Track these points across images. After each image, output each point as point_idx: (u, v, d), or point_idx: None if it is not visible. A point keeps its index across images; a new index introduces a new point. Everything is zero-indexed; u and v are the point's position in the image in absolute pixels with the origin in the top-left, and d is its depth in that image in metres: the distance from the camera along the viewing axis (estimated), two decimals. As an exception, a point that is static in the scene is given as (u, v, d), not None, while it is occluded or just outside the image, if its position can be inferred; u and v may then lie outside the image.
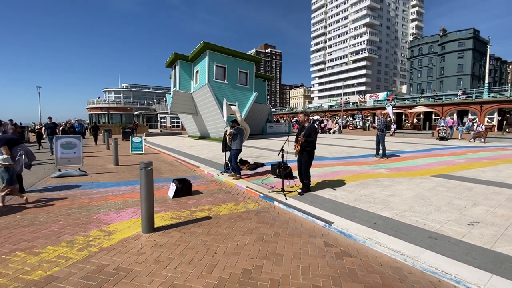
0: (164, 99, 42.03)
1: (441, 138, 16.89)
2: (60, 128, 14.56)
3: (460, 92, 33.48)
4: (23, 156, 5.37)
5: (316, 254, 3.00)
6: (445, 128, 17.35)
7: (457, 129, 19.72)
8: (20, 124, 23.74)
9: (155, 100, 53.08)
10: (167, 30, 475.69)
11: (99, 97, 50.54)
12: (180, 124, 36.79)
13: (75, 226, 3.79)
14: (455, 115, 28.11)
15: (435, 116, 32.10)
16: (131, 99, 52.03)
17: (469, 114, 27.99)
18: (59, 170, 7.43)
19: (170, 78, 24.62)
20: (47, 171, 8.05)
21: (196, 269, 2.67)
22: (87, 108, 49.43)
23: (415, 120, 33.32)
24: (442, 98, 32.40)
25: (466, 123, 22.56)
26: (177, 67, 21.24)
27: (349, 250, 3.09)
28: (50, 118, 12.86)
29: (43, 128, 13.99)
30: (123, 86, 57.67)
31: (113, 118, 47.63)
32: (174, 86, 21.89)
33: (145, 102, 52.08)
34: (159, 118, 46.14)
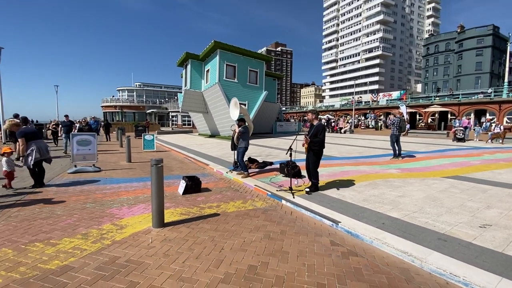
0: (176, 97, 42.67)
1: (459, 139, 15.97)
2: (77, 126, 14.74)
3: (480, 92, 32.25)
4: (34, 151, 5.64)
5: (322, 252, 3.02)
6: (462, 128, 16.50)
7: (473, 130, 19.04)
8: (37, 121, 24.76)
9: (166, 99, 53.96)
10: (179, 29, 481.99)
11: (113, 96, 51.91)
12: (191, 123, 37.26)
13: (90, 220, 3.95)
14: (472, 115, 27.15)
15: (451, 116, 31.13)
16: (144, 97, 53.13)
17: (487, 114, 26.96)
18: (75, 166, 7.72)
19: (182, 77, 24.99)
20: (64, 167, 8.38)
21: (203, 264, 2.75)
22: (102, 106, 50.86)
23: (429, 120, 32.43)
24: (458, 97, 31.34)
25: (484, 123, 21.75)
26: (189, 66, 21.53)
27: (355, 250, 3.08)
28: (66, 116, 12.62)
29: (60, 126, 14.01)
30: (136, 85, 58.97)
31: (126, 116, 48.82)
32: (186, 85, 22.21)
33: (157, 100, 53.08)
34: (170, 117, 46.89)
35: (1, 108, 15.11)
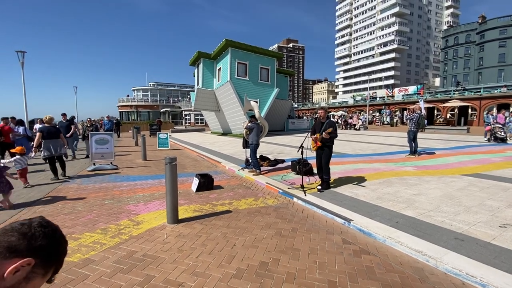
0: (189, 96, 43.33)
1: (501, 139, 12.52)
2: (78, 126, 13.74)
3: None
4: (44, 150, 6.56)
5: (333, 250, 3.02)
6: (500, 125, 12.92)
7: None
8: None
9: (180, 98, 54.85)
10: (192, 28, 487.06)
11: (128, 95, 53.35)
12: (204, 121, 37.72)
13: (108, 216, 4.13)
14: (494, 109, 25.85)
15: (471, 110, 29.80)
16: (158, 97, 54.24)
17: (511, 108, 25.60)
18: (94, 164, 8.05)
19: (194, 76, 25.31)
20: (83, 165, 8.75)
21: (216, 259, 2.82)
22: (118, 106, 52.38)
23: (448, 115, 31.18)
24: (480, 91, 29.91)
25: (508, 118, 20.67)
26: (201, 65, 21.77)
27: (367, 248, 3.06)
28: (64, 115, 10.76)
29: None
30: (150, 84, 60.23)
31: (141, 115, 50.07)
32: (198, 84, 22.50)
33: (171, 99, 54.03)
34: (183, 115, 47.66)
35: (25, 108, 15.90)
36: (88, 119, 12.65)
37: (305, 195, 4.81)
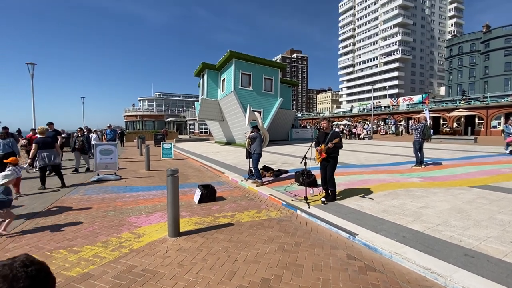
0: (193, 106, 43.81)
1: None
2: (64, 138, 12.08)
3: None
4: (38, 161, 6.83)
5: (338, 267, 2.92)
6: None
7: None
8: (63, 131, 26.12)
9: (184, 108, 55.51)
10: (198, 40, 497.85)
11: (133, 104, 54.23)
12: (208, 131, 37.94)
13: (110, 228, 4.10)
14: (502, 119, 25.48)
15: (478, 120, 29.42)
16: (163, 106, 55.02)
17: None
18: (98, 175, 8.08)
19: (199, 86, 25.65)
20: (87, 176, 8.79)
21: (216, 275, 2.75)
22: (124, 116, 53.15)
23: (455, 125, 30.81)
24: (486, 100, 29.61)
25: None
26: (205, 76, 22.09)
27: (373, 265, 2.96)
28: (50, 124, 9.43)
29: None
30: (155, 94, 61.25)
31: (146, 125, 50.65)
32: (202, 94, 22.77)
33: (176, 109, 54.73)
34: (188, 125, 48.09)
35: (34, 119, 16.22)
36: (79, 129, 10.48)
37: (309, 208, 4.72)
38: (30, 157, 6.97)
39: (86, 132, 11.47)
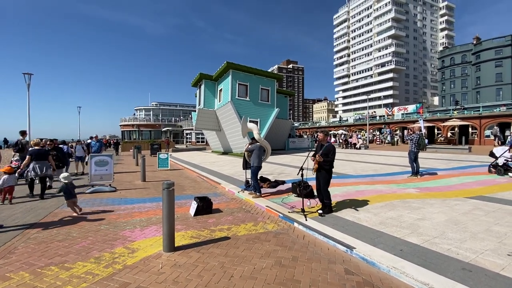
0: (190, 116, 43.88)
1: None
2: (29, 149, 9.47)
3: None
4: (29, 171, 6.90)
5: (335, 282, 2.88)
6: None
7: None
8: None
9: (181, 117, 55.56)
10: (194, 50, 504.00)
11: (134, 114, 54.19)
12: (205, 140, 37.90)
13: (103, 243, 4.01)
14: (495, 128, 25.88)
15: (472, 129, 29.85)
16: (160, 116, 55.00)
17: (512, 127, 25.65)
18: (92, 186, 7.97)
19: (196, 96, 25.78)
20: (82, 188, 8.66)
21: (212, 293, 2.69)
22: (120, 125, 53.00)
23: (449, 134, 31.19)
24: (479, 110, 30.15)
25: (509, 137, 20.63)
26: (202, 86, 22.27)
27: (371, 280, 2.92)
28: (23, 132, 8.81)
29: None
30: (152, 104, 61.31)
31: (143, 134, 50.52)
32: (199, 104, 22.87)
33: (173, 119, 54.74)
34: (185, 134, 48.03)
35: (29, 128, 16.07)
36: (49, 142, 9.02)
37: (306, 220, 4.69)
38: (21, 167, 7.08)
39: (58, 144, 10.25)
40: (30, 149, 7.11)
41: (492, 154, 9.66)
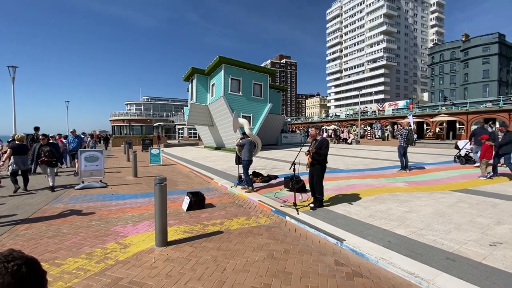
0: (182, 111, 43.40)
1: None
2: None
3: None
4: (13, 164, 7.38)
5: (326, 273, 2.96)
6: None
7: None
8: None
9: (173, 112, 54.88)
10: (187, 44, 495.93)
11: (129, 109, 53.16)
12: (197, 135, 37.65)
13: (94, 238, 3.98)
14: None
15: (459, 124, 30.64)
16: (151, 111, 54.13)
17: (497, 123, 26.44)
18: (82, 182, 7.85)
19: (188, 91, 25.49)
20: (72, 184, 8.52)
21: (205, 286, 2.72)
22: (110, 120, 51.96)
23: (437, 129, 31.94)
24: (466, 106, 30.94)
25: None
26: (194, 81, 22.01)
27: (360, 270, 3.01)
28: (36, 128, 10.52)
29: None
30: (144, 98, 60.30)
31: (134, 130, 49.65)
32: (191, 99, 22.64)
33: (164, 114, 53.98)
34: (177, 129, 47.51)
35: (14, 123, 15.61)
36: (42, 136, 7.70)
37: (298, 214, 4.76)
38: (3, 160, 7.54)
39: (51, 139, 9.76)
40: (11, 143, 7.55)
41: (456, 147, 11.42)
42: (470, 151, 10.41)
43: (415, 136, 23.13)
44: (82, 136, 13.14)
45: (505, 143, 7.53)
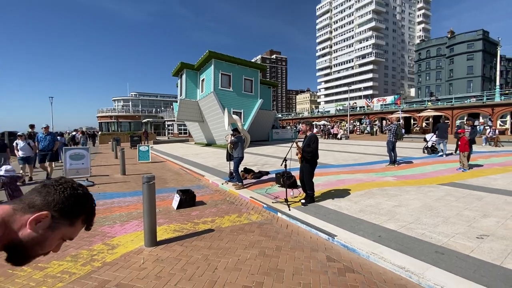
0: (171, 107, 42.73)
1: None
2: None
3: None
4: None
5: (318, 269, 2.95)
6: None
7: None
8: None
9: (162, 108, 53.95)
10: (175, 38, 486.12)
11: (117, 105, 51.77)
12: (187, 131, 37.19)
13: (80, 239, 3.84)
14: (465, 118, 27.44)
15: (445, 119, 31.48)
16: (140, 107, 53.09)
17: (480, 118, 27.33)
18: (68, 181, 7.59)
19: (177, 86, 25.03)
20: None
21: (196, 286, 2.66)
22: (97, 117, 50.62)
23: (424, 124, 32.73)
24: (451, 101, 31.79)
25: (477, 127, 21.97)
26: (184, 76, 21.61)
27: (352, 266, 3.02)
28: (31, 125, 10.55)
29: None
30: (131, 94, 58.97)
31: (122, 126, 48.59)
32: (181, 95, 22.23)
33: (153, 110, 53.01)
34: (166, 126, 46.80)
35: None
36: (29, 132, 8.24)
37: (289, 210, 4.75)
38: None
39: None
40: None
41: (425, 139, 13.11)
42: (435, 143, 12.16)
43: (403, 131, 23.63)
44: (59, 137, 11.14)
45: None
